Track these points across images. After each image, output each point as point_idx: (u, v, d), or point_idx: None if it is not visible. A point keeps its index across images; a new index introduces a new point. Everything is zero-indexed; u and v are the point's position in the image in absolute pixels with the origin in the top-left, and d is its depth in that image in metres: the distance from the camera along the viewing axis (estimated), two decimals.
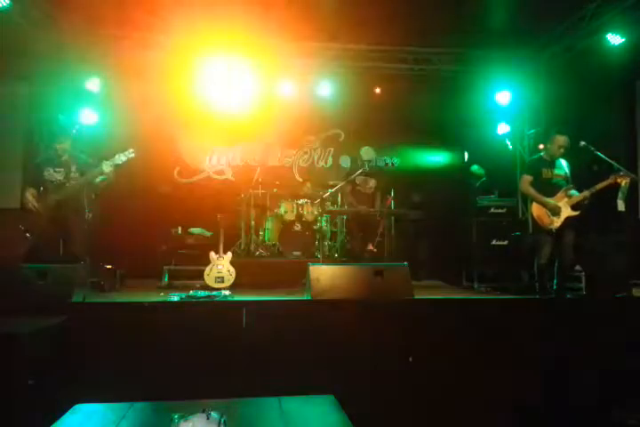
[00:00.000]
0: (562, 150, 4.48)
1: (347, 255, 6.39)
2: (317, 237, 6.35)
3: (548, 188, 4.43)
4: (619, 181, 4.50)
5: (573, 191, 4.40)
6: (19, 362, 1.87)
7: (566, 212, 4.33)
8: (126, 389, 2.19)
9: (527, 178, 4.52)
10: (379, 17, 6.65)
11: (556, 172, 4.48)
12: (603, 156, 4.37)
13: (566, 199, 4.36)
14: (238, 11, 6.25)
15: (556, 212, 4.32)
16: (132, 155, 4.43)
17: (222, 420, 1.43)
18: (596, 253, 4.84)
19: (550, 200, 4.36)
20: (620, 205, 4.78)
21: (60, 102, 6.86)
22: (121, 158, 4.37)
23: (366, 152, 5.81)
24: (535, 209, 4.42)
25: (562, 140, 4.46)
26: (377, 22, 6.81)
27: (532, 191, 4.46)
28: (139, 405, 1.56)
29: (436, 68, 7.63)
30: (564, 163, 4.56)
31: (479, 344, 2.55)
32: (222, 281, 5.29)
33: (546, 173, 4.46)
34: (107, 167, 4.23)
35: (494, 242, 6.06)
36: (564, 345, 2.55)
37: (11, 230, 5.49)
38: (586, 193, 4.32)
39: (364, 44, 7.40)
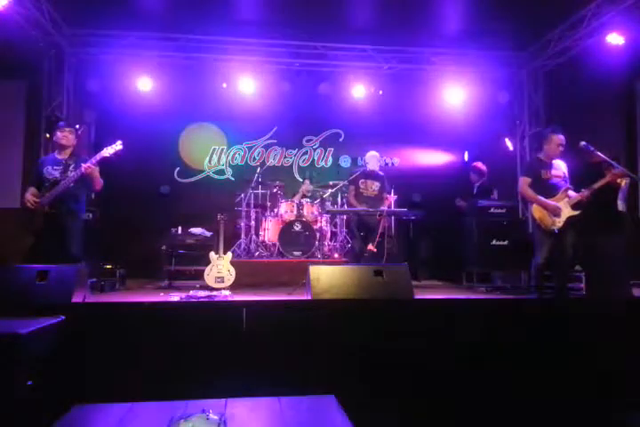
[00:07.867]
0: (560, 149, 4.43)
1: (347, 255, 6.39)
2: (317, 237, 6.35)
3: (547, 188, 4.39)
4: (619, 181, 4.49)
5: (571, 192, 4.38)
6: (19, 362, 1.86)
7: (567, 212, 4.30)
8: (126, 389, 2.19)
9: (526, 180, 4.46)
10: (377, 18, 6.67)
11: (554, 172, 4.44)
12: (603, 156, 4.35)
13: (566, 199, 4.34)
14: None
15: (557, 213, 4.29)
16: (120, 147, 4.40)
17: (222, 420, 1.43)
18: (597, 253, 4.83)
19: (550, 201, 4.34)
20: (620, 206, 4.77)
21: (60, 102, 6.87)
22: (108, 151, 4.34)
23: (372, 157, 5.84)
24: (536, 211, 4.37)
25: (558, 139, 4.41)
26: (376, 23, 6.82)
27: (531, 193, 4.41)
28: (139, 405, 1.55)
29: (436, 68, 7.64)
30: (560, 163, 4.51)
31: (479, 345, 2.55)
32: (222, 281, 5.29)
33: (544, 173, 4.41)
34: (83, 169, 4.19)
35: (494, 242, 6.05)
36: (565, 345, 2.55)
37: (10, 230, 5.49)
38: (585, 192, 4.29)
39: (366, 45, 7.41)
